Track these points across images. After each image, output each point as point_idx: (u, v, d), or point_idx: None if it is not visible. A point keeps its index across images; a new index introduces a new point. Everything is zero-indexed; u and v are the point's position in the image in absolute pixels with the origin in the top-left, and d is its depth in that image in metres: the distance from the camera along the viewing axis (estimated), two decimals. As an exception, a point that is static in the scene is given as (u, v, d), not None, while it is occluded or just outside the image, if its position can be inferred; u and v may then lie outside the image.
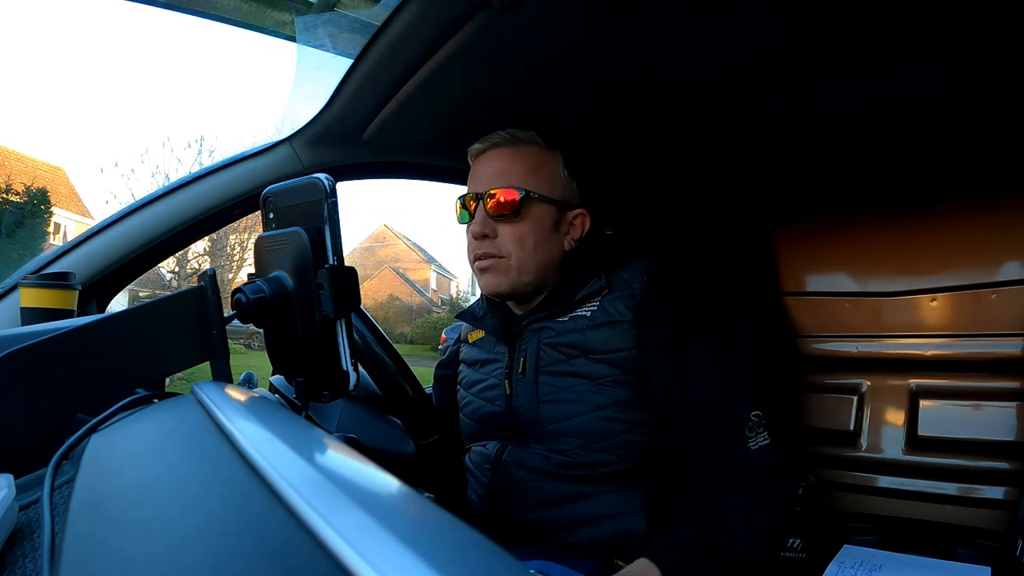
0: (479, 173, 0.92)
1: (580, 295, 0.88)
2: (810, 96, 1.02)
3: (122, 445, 0.39)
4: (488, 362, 0.95)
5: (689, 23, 0.80)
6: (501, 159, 0.90)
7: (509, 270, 0.88)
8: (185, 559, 0.22)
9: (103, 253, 1.00)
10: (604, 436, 0.83)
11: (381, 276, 24.41)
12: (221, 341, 0.51)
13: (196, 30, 68.74)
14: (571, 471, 0.84)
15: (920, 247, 1.20)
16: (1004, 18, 0.78)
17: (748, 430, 0.80)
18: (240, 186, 1.07)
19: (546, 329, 0.89)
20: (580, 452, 0.83)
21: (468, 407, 0.96)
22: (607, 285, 0.87)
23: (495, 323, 0.95)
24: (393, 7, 0.76)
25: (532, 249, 0.88)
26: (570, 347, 0.86)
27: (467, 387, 0.98)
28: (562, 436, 0.84)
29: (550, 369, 0.87)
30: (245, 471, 0.26)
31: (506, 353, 0.92)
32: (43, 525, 0.30)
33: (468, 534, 0.19)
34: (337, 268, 0.47)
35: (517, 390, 0.89)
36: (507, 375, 0.91)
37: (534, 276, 0.89)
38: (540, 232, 0.89)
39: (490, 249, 0.88)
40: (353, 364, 0.48)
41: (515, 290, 0.89)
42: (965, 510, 1.10)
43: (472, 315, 1.00)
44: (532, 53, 0.85)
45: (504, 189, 0.88)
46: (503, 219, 0.88)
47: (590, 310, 0.87)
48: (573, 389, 0.85)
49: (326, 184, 0.48)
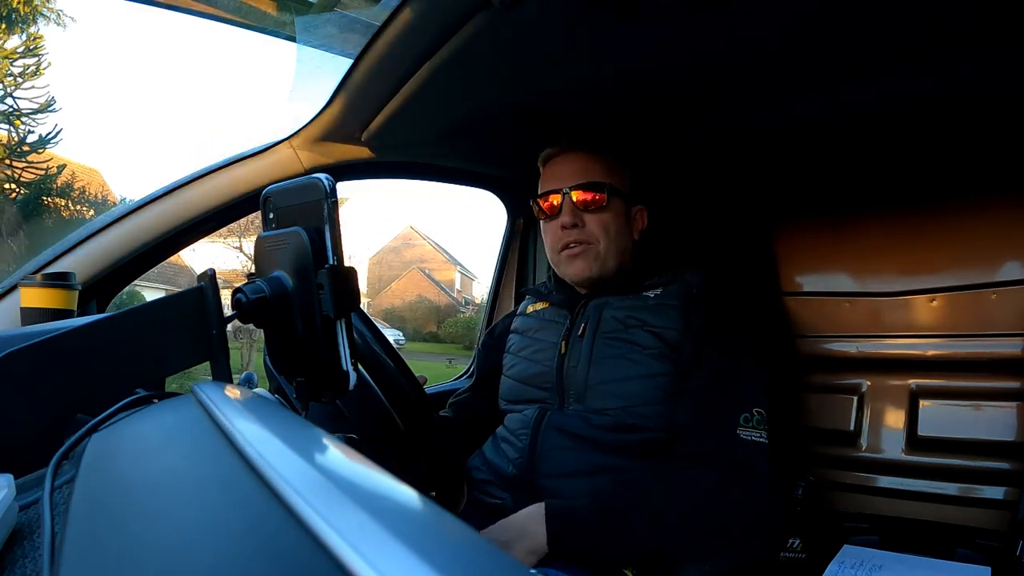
0: (558, 172, 1.02)
1: (650, 281, 0.99)
2: (810, 96, 1.02)
3: (122, 445, 0.39)
4: (545, 328, 1.04)
5: (689, 23, 0.80)
6: (580, 160, 1.02)
7: (597, 255, 0.99)
8: (185, 559, 0.22)
9: (103, 253, 1.00)
10: (646, 402, 0.90)
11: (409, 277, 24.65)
12: (221, 341, 0.51)
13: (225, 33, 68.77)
14: (610, 433, 0.89)
15: (920, 247, 1.20)
16: (1004, 18, 0.78)
17: (744, 420, 0.85)
18: (240, 186, 1.07)
19: (609, 303, 0.99)
20: (620, 413, 0.90)
21: (514, 368, 1.05)
22: (673, 276, 0.99)
23: (562, 298, 1.05)
24: (393, 7, 0.76)
25: (615, 237, 1.00)
26: (631, 318, 0.95)
27: (516, 351, 1.07)
28: (607, 396, 0.91)
29: (609, 335, 0.95)
30: (245, 471, 0.26)
31: (568, 318, 1.01)
32: (43, 525, 0.30)
33: (468, 534, 0.19)
34: (337, 268, 0.47)
35: (572, 351, 0.97)
36: (565, 336, 0.99)
37: (615, 262, 1.00)
38: (619, 222, 1.01)
39: (580, 237, 0.99)
40: (353, 364, 0.48)
41: (602, 274, 1.00)
42: (965, 510, 1.10)
43: (540, 292, 1.11)
44: (532, 53, 0.85)
45: (589, 183, 0.99)
46: (590, 210, 0.99)
47: (654, 292, 0.98)
48: (625, 355, 0.93)
49: (326, 184, 0.48)
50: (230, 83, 45.18)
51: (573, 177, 1.00)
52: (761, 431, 0.85)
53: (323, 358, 0.48)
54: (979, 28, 0.80)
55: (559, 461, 0.90)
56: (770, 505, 0.87)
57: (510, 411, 1.01)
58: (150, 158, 33.07)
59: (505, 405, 1.03)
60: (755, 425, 0.85)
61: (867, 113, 1.07)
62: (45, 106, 7.92)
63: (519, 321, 1.11)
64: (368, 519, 0.19)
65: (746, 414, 0.85)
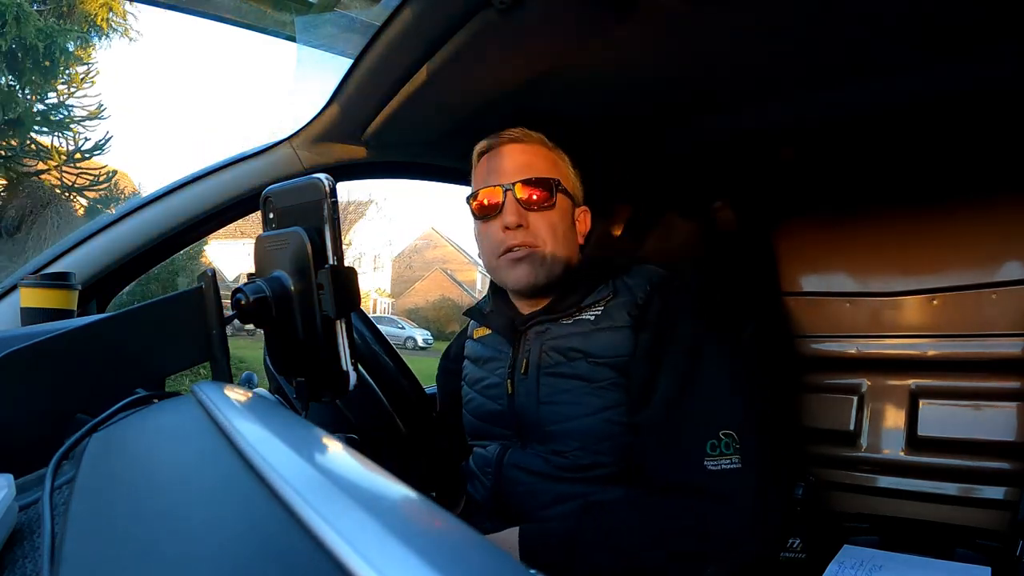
0: (499, 167, 0.92)
1: (586, 302, 0.88)
2: (810, 95, 1.02)
3: (122, 445, 0.39)
4: (491, 360, 0.96)
5: (688, 23, 0.80)
6: (523, 153, 0.91)
7: (544, 260, 0.89)
8: (185, 559, 0.22)
9: (103, 253, 1.00)
10: (602, 438, 0.83)
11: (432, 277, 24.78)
12: (221, 341, 0.51)
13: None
14: (569, 473, 0.84)
15: (920, 247, 1.20)
16: (1004, 18, 0.78)
17: (711, 448, 0.78)
18: (240, 186, 1.07)
19: (549, 330, 0.90)
20: (578, 454, 0.84)
21: (471, 403, 0.97)
22: (613, 292, 0.88)
23: (501, 322, 0.95)
24: (393, 7, 0.76)
25: (562, 238, 0.90)
26: (572, 350, 0.87)
27: (471, 384, 0.99)
28: (561, 437, 0.85)
29: (551, 370, 0.87)
30: (245, 471, 0.26)
31: (510, 352, 0.93)
32: (43, 525, 0.30)
33: (468, 534, 0.19)
34: (337, 268, 0.47)
35: (519, 389, 0.89)
36: (509, 374, 0.91)
37: (563, 267, 0.90)
38: (566, 223, 0.91)
39: (525, 239, 0.88)
40: (353, 364, 0.48)
41: (549, 280, 0.89)
42: (965, 510, 1.10)
43: (479, 312, 1.01)
44: (532, 53, 0.85)
45: (536, 179, 0.89)
46: (535, 208, 0.89)
47: (594, 314, 0.88)
48: (573, 391, 0.85)
49: (326, 184, 0.48)
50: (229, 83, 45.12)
51: (517, 172, 0.89)
52: (732, 455, 0.78)
53: (323, 358, 0.48)
54: (979, 28, 0.80)
55: (526, 495, 0.86)
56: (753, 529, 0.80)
57: (474, 446, 0.97)
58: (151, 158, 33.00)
59: (469, 440, 0.99)
60: (724, 450, 0.78)
61: (867, 113, 1.07)
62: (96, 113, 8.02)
63: (469, 347, 1.03)
64: (368, 519, 0.19)
65: (712, 440, 0.78)
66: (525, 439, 0.89)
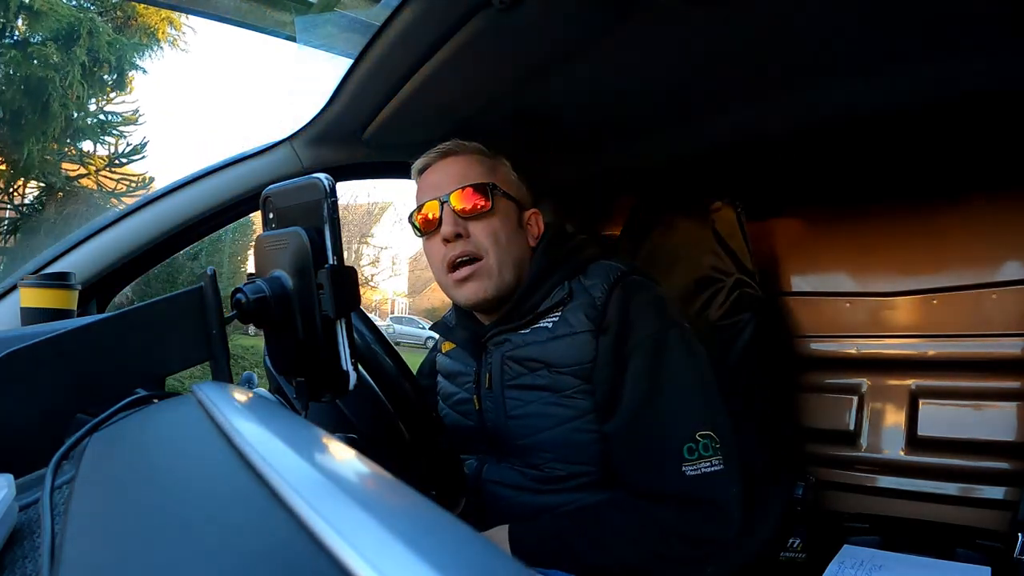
0: (434, 181, 0.91)
1: (543, 307, 0.86)
2: (810, 95, 1.02)
3: (122, 445, 0.39)
4: (459, 374, 0.96)
5: (687, 22, 0.80)
6: (456, 164, 0.90)
7: (491, 272, 0.86)
8: (185, 559, 0.22)
9: (103, 253, 1.00)
10: (575, 448, 0.82)
11: None
12: (221, 341, 0.51)
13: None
14: (547, 485, 0.83)
15: (920, 247, 1.20)
16: (1004, 18, 0.78)
17: (688, 452, 0.76)
18: (240, 186, 1.07)
19: (508, 342, 0.88)
20: (553, 466, 0.83)
21: (447, 419, 0.96)
22: (569, 294, 0.86)
23: (464, 336, 0.94)
24: (393, 7, 0.76)
25: (506, 244, 0.87)
26: (532, 360, 0.85)
27: (444, 399, 0.98)
28: (534, 450, 0.84)
29: (514, 383, 0.86)
30: (245, 471, 0.26)
31: (474, 366, 0.92)
32: (43, 525, 0.30)
33: (468, 534, 0.19)
34: (337, 268, 0.47)
35: (486, 405, 0.89)
36: (476, 389, 0.91)
37: (512, 274, 0.88)
38: (510, 226, 0.89)
39: (467, 248, 0.86)
40: (353, 364, 0.48)
41: (500, 292, 0.88)
42: (965, 510, 1.10)
43: (445, 326, 1.00)
44: (532, 53, 0.85)
45: (470, 186, 0.87)
46: (474, 217, 0.87)
47: (551, 321, 0.86)
48: (539, 403, 0.84)
49: (326, 184, 0.48)
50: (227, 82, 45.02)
51: (451, 182, 0.88)
52: (712, 457, 0.75)
53: (323, 358, 0.48)
54: (980, 28, 0.80)
55: (505, 509, 0.85)
56: (741, 527, 0.78)
57: None
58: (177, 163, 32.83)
59: None
60: (703, 452, 0.75)
61: (867, 113, 1.07)
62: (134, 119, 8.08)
63: (439, 361, 1.02)
64: (368, 519, 0.19)
65: (689, 444, 0.75)
66: (500, 453, 0.88)
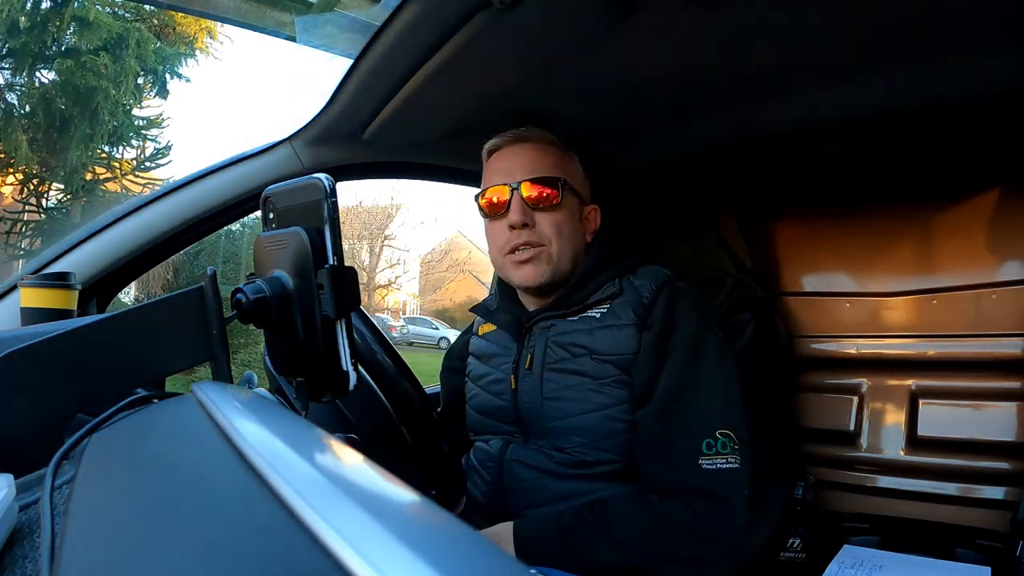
0: (505, 166, 0.92)
1: (592, 299, 0.89)
2: (810, 95, 1.02)
3: (122, 445, 0.39)
4: (496, 356, 0.97)
5: (688, 23, 0.80)
6: (530, 151, 0.92)
7: (550, 259, 0.89)
8: (185, 559, 0.22)
9: (103, 253, 1.00)
10: (606, 435, 0.84)
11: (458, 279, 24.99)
12: (221, 341, 0.51)
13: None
14: (572, 469, 0.85)
15: (920, 247, 1.20)
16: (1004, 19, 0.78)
17: (707, 447, 0.79)
18: (240, 186, 1.06)
19: (554, 327, 0.90)
20: (581, 450, 0.85)
21: (475, 399, 0.98)
22: (619, 290, 0.89)
23: (507, 319, 0.96)
24: (393, 7, 0.75)
25: (568, 237, 0.90)
26: (577, 346, 0.87)
27: (475, 380, 1.00)
28: (564, 433, 0.85)
29: (556, 366, 0.88)
30: (245, 471, 0.26)
31: (515, 348, 0.94)
32: (43, 525, 0.30)
33: (468, 534, 0.19)
34: (337, 268, 0.47)
35: (522, 385, 0.90)
36: (514, 370, 0.92)
37: (569, 264, 0.91)
38: (573, 222, 0.92)
39: (531, 238, 0.89)
40: (353, 364, 0.48)
41: (555, 279, 0.90)
42: (965, 510, 1.10)
43: (486, 309, 1.03)
44: (532, 53, 0.85)
45: (542, 178, 0.89)
46: (542, 208, 0.89)
47: (600, 311, 0.89)
48: (577, 388, 0.86)
49: (326, 184, 0.48)
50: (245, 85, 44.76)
51: (523, 171, 0.90)
52: (729, 455, 0.79)
53: (323, 358, 0.48)
54: (980, 29, 0.80)
55: (526, 492, 0.87)
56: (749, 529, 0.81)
57: (477, 441, 0.98)
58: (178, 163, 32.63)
59: (472, 436, 0.99)
60: (721, 450, 0.79)
61: (867, 113, 1.07)
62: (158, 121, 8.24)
63: (474, 343, 1.04)
64: (368, 519, 0.19)
65: (708, 439, 0.79)
66: (527, 434, 0.90)
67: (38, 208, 7.68)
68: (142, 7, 7.44)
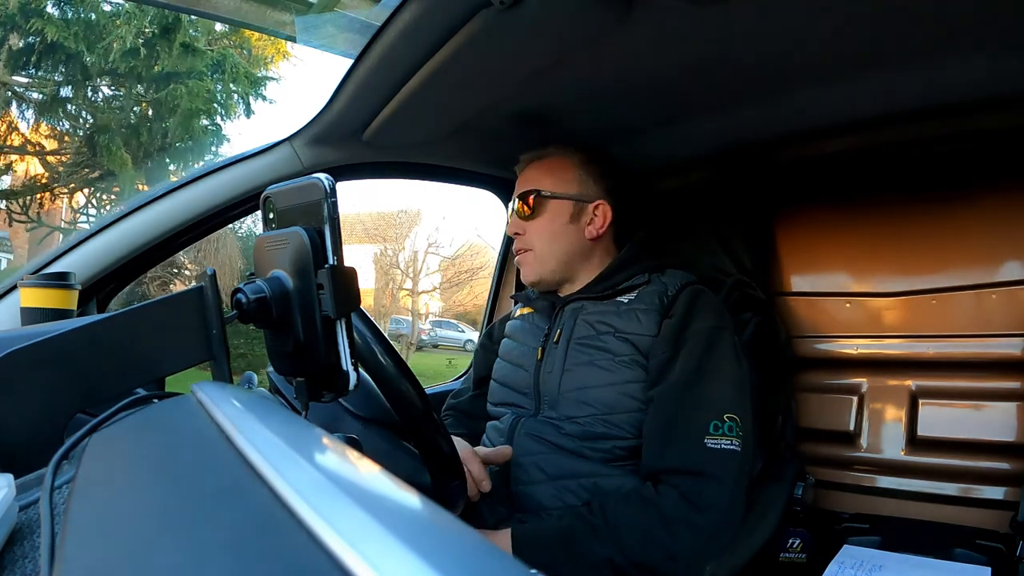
0: (517, 184, 1.08)
1: (622, 286, 1.00)
2: (811, 95, 1.02)
3: (122, 445, 0.39)
4: (528, 332, 1.07)
5: (688, 23, 0.80)
6: (526, 172, 1.07)
7: (535, 261, 1.03)
8: (185, 559, 0.22)
9: (103, 253, 1.00)
10: (615, 410, 0.90)
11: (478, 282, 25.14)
12: (221, 341, 0.51)
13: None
14: (580, 441, 0.89)
15: (920, 247, 1.19)
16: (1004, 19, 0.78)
17: (713, 428, 0.84)
18: (240, 186, 1.07)
19: (585, 308, 1.00)
20: (591, 421, 0.90)
21: (498, 372, 1.08)
22: (648, 281, 1.00)
23: (543, 304, 1.07)
24: (393, 7, 0.75)
25: (551, 240, 1.02)
26: (603, 323, 0.96)
27: (504, 355, 1.10)
28: (577, 404, 0.91)
29: (581, 341, 0.96)
30: (245, 471, 0.26)
31: (546, 326, 1.04)
32: (43, 525, 0.30)
33: (468, 534, 0.19)
34: (337, 268, 0.47)
35: (548, 357, 0.99)
36: (543, 343, 1.02)
37: (556, 264, 1.03)
38: (556, 225, 1.02)
39: (522, 244, 1.04)
40: (353, 364, 0.48)
41: (542, 278, 1.03)
42: (965, 510, 1.10)
43: (527, 296, 1.15)
44: (533, 53, 0.85)
45: (522, 193, 1.04)
46: (526, 218, 1.03)
47: (628, 297, 0.99)
48: (597, 362, 0.93)
49: (326, 184, 0.48)
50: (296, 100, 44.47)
51: (519, 189, 1.06)
52: (732, 437, 0.83)
53: (323, 358, 0.48)
54: (981, 29, 0.80)
55: (532, 467, 0.91)
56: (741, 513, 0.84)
57: (492, 417, 1.04)
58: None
59: (491, 408, 1.06)
60: (727, 432, 0.83)
61: (867, 113, 1.07)
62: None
63: (510, 325, 1.14)
64: (368, 519, 0.19)
65: (715, 421, 0.84)
66: (540, 405, 0.96)
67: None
68: (238, 31, 7.77)
